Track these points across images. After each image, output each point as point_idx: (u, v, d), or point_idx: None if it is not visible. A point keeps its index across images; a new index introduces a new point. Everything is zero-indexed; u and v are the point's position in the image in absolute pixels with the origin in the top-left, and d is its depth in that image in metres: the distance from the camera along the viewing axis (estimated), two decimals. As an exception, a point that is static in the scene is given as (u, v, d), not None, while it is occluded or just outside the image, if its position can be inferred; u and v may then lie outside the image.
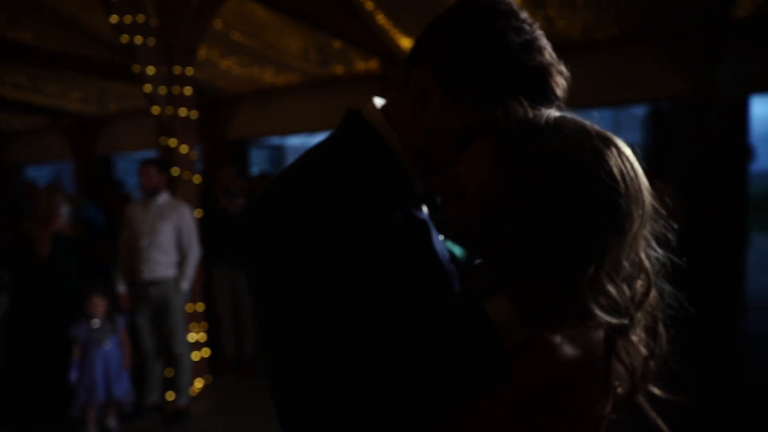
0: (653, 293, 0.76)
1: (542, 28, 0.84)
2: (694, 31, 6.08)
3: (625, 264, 0.72)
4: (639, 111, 12.78)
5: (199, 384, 4.29)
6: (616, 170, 0.70)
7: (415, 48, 0.85)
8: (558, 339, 0.71)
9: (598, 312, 0.71)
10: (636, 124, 13.74)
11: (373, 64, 7.23)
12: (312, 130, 9.17)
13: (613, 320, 0.71)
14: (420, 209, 0.87)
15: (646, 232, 0.74)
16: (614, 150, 0.71)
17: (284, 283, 0.71)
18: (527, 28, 0.80)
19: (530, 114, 0.74)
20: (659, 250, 0.77)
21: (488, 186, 0.73)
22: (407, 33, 6.35)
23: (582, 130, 0.73)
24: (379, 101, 0.90)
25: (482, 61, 0.78)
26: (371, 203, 0.75)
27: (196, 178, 4.32)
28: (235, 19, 5.69)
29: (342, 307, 0.70)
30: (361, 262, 0.71)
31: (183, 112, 4.14)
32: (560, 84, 0.80)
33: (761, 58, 5.95)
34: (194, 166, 4.29)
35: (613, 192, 0.69)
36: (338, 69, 7.40)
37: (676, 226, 0.76)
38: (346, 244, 0.71)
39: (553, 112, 0.76)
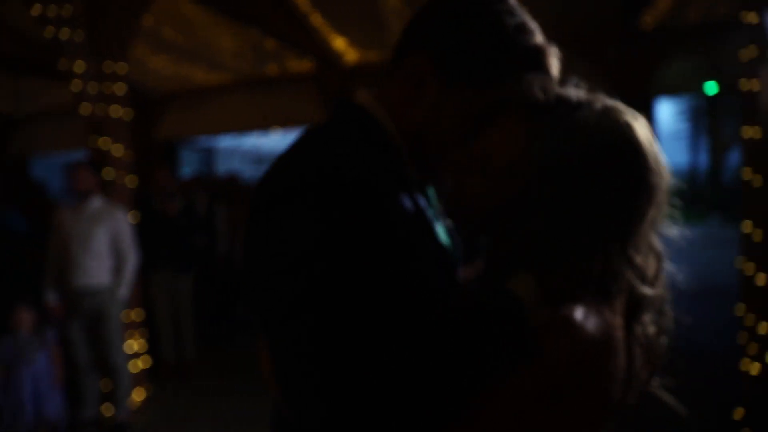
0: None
1: None
2: (607, 38, 6.52)
3: (645, 239, 0.74)
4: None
5: (138, 396, 4.10)
6: (646, 144, 0.73)
7: (407, 35, 0.85)
8: (584, 318, 0.70)
9: (636, 282, 0.72)
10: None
11: (307, 65, 7.19)
12: (244, 130, 8.97)
13: (650, 291, 0.73)
14: (418, 195, 0.86)
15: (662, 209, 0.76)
16: (642, 125, 0.74)
17: (308, 263, 0.68)
18: (517, 11, 0.82)
19: (562, 91, 0.76)
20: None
21: (521, 161, 0.74)
22: (342, 34, 6.38)
23: (612, 106, 0.75)
24: (366, 91, 0.89)
25: (480, 44, 0.79)
26: (388, 187, 0.75)
27: (131, 181, 4.13)
28: (166, 16, 5.48)
29: (372, 286, 0.68)
30: (387, 242, 0.71)
31: (115, 111, 3.94)
32: (555, 64, 0.82)
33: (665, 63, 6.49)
34: (129, 167, 4.10)
35: (645, 165, 0.72)
36: (272, 69, 7.29)
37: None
38: (370, 223, 0.70)
39: (580, 90, 0.78)
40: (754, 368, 2.41)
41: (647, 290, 0.74)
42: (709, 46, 6.33)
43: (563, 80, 0.81)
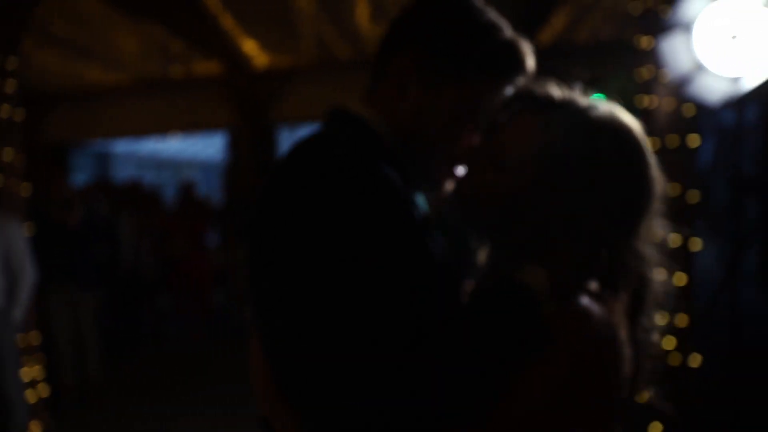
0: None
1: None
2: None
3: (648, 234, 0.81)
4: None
5: (36, 429, 3.68)
6: (645, 144, 0.80)
7: (388, 40, 0.88)
8: (593, 310, 0.75)
9: (647, 270, 0.78)
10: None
11: (214, 67, 6.91)
12: (142, 134, 8.43)
13: (661, 278, 0.80)
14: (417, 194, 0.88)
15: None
16: (640, 128, 0.82)
17: (328, 260, 0.69)
18: (487, 9, 0.87)
19: (570, 93, 0.83)
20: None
21: (533, 154, 0.79)
22: (253, 37, 6.20)
23: (614, 107, 0.82)
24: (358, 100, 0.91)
25: (457, 44, 0.83)
26: (390, 178, 0.77)
27: (25, 189, 3.71)
28: (59, 8, 5.00)
29: (395, 279, 0.69)
30: (406, 237, 0.73)
31: (5, 110, 3.53)
32: (529, 56, 0.86)
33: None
34: (21, 174, 3.68)
35: (646, 163, 0.79)
36: (176, 71, 6.92)
37: None
38: (376, 211, 0.72)
39: (583, 93, 0.85)
40: (695, 360, 2.55)
41: (653, 281, 0.80)
42: (598, 64, 6.94)
43: (525, 74, 0.87)
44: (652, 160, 0.81)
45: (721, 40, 2.52)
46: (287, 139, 8.17)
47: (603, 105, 0.83)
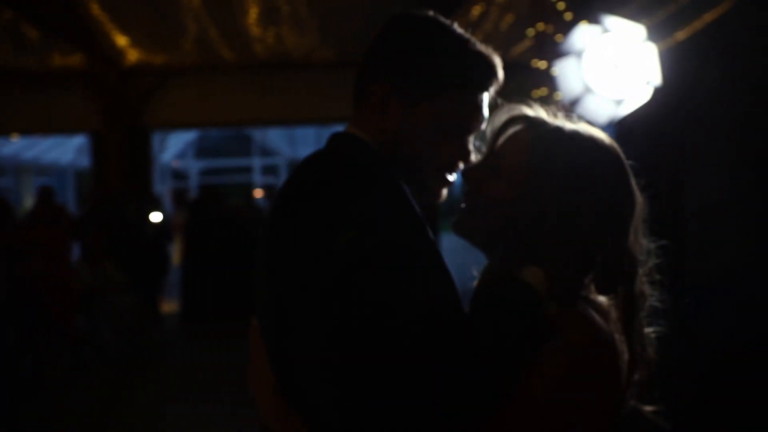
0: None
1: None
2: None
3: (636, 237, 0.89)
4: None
5: None
6: (624, 157, 0.89)
7: (365, 68, 0.93)
8: (591, 313, 0.80)
9: (638, 273, 0.86)
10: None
11: (76, 61, 6.21)
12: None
13: (647, 285, 0.87)
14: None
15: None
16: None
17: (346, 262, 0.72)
18: (452, 27, 0.92)
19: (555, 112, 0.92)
20: None
21: (525, 162, 0.86)
22: (124, 31, 5.67)
23: (592, 123, 0.92)
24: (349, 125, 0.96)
25: (432, 60, 0.88)
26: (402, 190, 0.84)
27: None
28: None
29: (408, 280, 0.73)
30: (416, 242, 0.79)
31: None
32: (499, 65, 0.92)
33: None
34: None
35: (629, 173, 0.88)
36: (30, 62, 6.10)
37: None
38: (396, 219, 0.77)
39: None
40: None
41: (645, 282, 0.88)
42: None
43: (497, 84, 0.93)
44: (630, 170, 0.90)
45: (607, 67, 2.82)
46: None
47: (583, 119, 0.92)
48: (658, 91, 2.69)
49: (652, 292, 0.91)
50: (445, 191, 0.94)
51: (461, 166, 0.93)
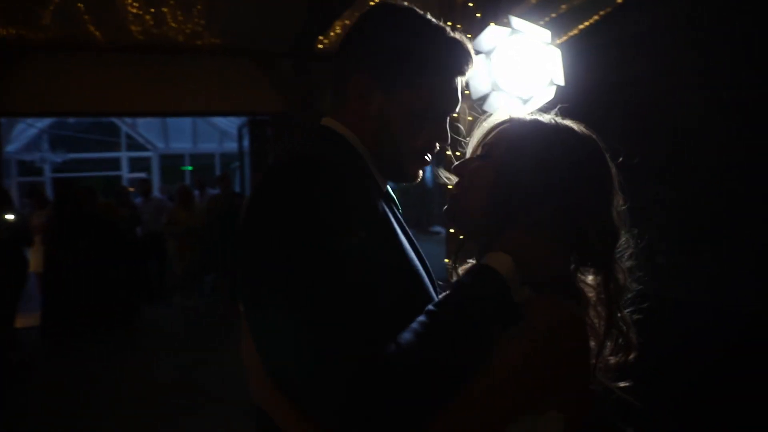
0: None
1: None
2: (286, 54, 6.91)
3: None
4: (220, 122, 13.45)
5: None
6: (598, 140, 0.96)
7: (342, 60, 0.96)
8: (563, 298, 0.84)
9: (618, 258, 0.91)
10: (213, 134, 14.41)
11: None
12: None
13: (630, 263, 0.92)
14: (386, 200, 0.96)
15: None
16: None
17: (305, 256, 0.74)
18: (425, 15, 0.96)
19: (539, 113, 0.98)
20: None
21: (507, 149, 0.92)
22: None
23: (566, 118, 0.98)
24: (328, 117, 0.98)
25: (410, 49, 0.92)
26: (363, 180, 0.88)
27: None
28: None
29: (357, 271, 0.74)
30: (379, 232, 0.82)
31: None
32: (473, 50, 0.97)
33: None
34: None
35: (608, 163, 0.94)
36: None
37: None
38: (361, 213, 0.79)
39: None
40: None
41: (627, 263, 0.93)
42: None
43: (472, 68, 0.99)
44: (606, 155, 0.95)
45: (514, 66, 2.91)
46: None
47: (569, 121, 0.97)
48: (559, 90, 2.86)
49: (631, 273, 0.95)
50: (421, 172, 1.00)
51: (438, 147, 0.98)
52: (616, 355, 0.91)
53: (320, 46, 6.81)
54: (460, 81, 0.95)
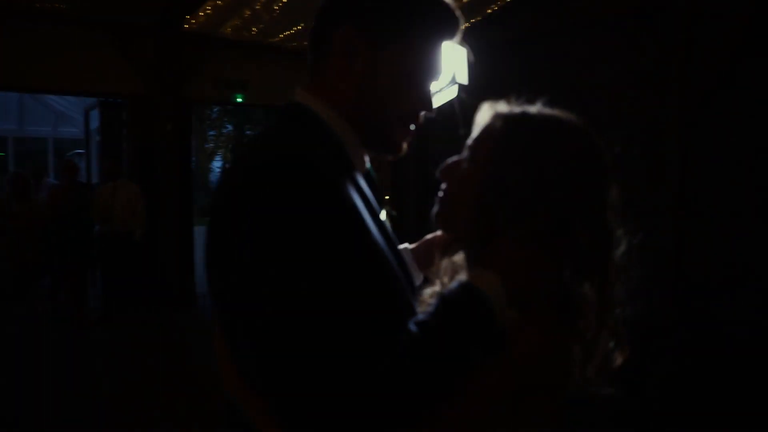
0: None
1: None
2: (149, 35, 6.26)
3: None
4: (57, 102, 11.78)
5: None
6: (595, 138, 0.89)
7: (325, 15, 0.90)
8: (549, 321, 0.80)
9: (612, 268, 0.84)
10: (47, 116, 12.56)
11: None
12: None
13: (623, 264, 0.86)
14: (362, 182, 0.90)
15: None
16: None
17: (276, 259, 0.69)
18: None
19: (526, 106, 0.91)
20: None
21: (494, 147, 0.86)
22: None
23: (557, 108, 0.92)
24: (300, 89, 0.92)
25: (397, 2, 0.88)
26: (340, 178, 0.79)
27: None
28: None
29: (346, 281, 0.70)
30: (351, 233, 0.75)
31: None
32: (461, 18, 0.94)
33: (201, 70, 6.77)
34: None
35: (604, 157, 0.87)
36: None
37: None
38: (318, 214, 0.72)
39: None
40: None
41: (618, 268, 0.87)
42: (239, 62, 6.98)
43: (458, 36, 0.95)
44: (601, 150, 0.90)
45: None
46: None
47: (559, 114, 0.90)
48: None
49: (624, 278, 0.89)
50: (405, 145, 0.94)
51: (422, 115, 0.93)
52: (606, 359, 0.87)
53: (187, 26, 6.28)
54: (445, 48, 0.91)
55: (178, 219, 6.71)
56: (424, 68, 0.90)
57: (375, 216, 0.87)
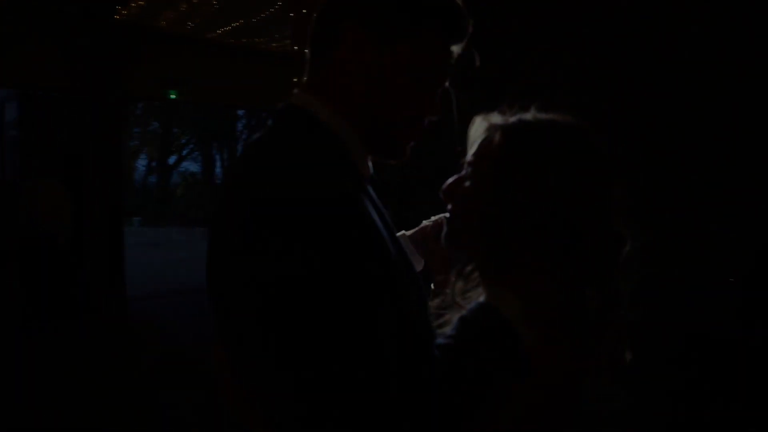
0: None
1: None
2: (81, 30, 5.91)
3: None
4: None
5: None
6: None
7: (328, 14, 0.87)
8: (568, 341, 0.78)
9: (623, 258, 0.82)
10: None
11: None
12: None
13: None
14: (366, 192, 0.87)
15: None
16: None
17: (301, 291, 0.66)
18: None
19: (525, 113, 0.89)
20: None
21: (495, 160, 0.84)
22: None
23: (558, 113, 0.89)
24: (300, 92, 0.88)
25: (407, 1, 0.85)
26: (356, 207, 0.74)
27: None
28: None
29: (362, 316, 0.67)
30: (368, 268, 0.70)
31: None
32: (468, 18, 0.91)
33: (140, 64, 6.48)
34: None
35: (605, 157, 0.85)
36: None
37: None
38: (350, 251, 0.69)
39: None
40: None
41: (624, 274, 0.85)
42: (175, 57, 6.70)
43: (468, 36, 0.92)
44: (603, 152, 0.88)
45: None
46: None
47: (559, 115, 0.89)
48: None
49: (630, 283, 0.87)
50: (409, 151, 0.91)
51: (429, 120, 0.89)
52: (609, 363, 0.86)
53: (117, 17, 5.97)
54: (453, 52, 0.88)
55: (107, 221, 6.35)
56: (432, 69, 0.87)
57: (386, 225, 0.85)
